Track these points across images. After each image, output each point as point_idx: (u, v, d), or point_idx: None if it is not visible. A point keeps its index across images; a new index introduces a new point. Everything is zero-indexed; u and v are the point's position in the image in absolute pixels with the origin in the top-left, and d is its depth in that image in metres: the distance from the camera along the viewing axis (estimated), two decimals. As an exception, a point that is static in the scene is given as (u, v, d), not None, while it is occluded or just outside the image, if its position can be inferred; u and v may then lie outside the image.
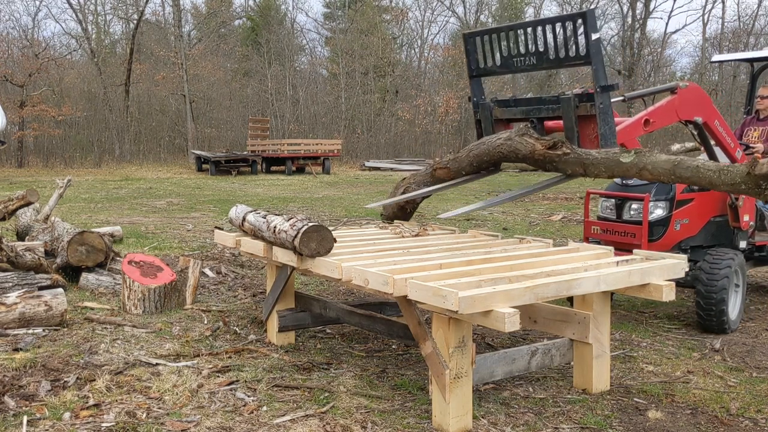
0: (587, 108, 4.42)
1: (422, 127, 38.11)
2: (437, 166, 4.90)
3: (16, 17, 51.12)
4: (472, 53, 5.02)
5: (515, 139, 4.38)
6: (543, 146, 4.22)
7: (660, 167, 3.75)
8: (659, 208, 5.47)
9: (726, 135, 5.30)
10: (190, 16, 41.63)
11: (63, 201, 12.89)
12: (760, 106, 6.39)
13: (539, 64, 4.68)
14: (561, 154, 4.17)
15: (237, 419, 3.62)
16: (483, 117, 5.11)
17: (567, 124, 4.52)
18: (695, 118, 5.05)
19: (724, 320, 5.29)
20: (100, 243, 6.63)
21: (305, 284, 6.84)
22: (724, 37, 39.41)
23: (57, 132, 29.46)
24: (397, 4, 45.38)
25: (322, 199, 16.31)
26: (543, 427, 3.62)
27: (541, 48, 4.55)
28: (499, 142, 4.47)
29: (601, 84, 4.31)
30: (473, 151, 4.68)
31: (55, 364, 4.35)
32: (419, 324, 3.63)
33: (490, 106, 5.05)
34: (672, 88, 5.02)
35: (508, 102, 5.04)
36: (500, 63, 4.89)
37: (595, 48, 4.26)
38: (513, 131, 4.49)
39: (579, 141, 4.51)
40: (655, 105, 5.02)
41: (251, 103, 37.81)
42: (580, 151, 4.16)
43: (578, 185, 19.78)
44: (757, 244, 5.99)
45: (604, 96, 4.34)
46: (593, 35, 4.23)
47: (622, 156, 3.94)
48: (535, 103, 4.84)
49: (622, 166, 3.93)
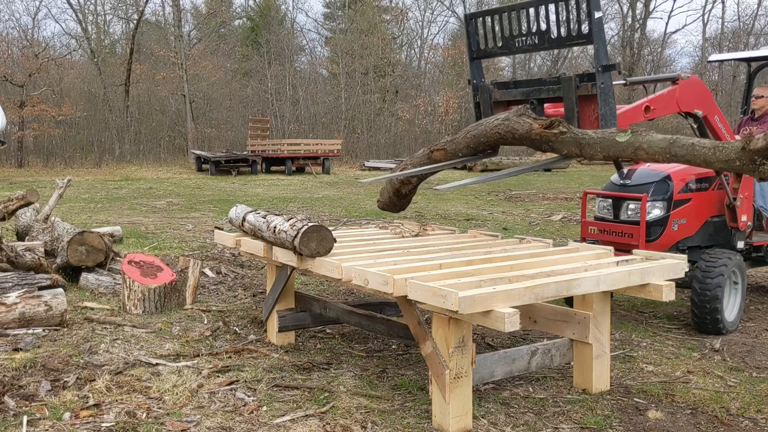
0: (588, 88, 4.38)
1: (422, 127, 38.11)
2: (434, 148, 4.85)
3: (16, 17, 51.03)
4: (473, 35, 4.95)
5: (513, 119, 4.34)
6: (540, 126, 4.17)
7: (656, 146, 3.73)
8: (657, 208, 5.46)
9: (725, 132, 5.29)
10: (190, 16, 41.66)
11: (63, 201, 12.88)
12: (755, 106, 6.37)
13: (540, 44, 4.62)
14: (557, 133, 4.13)
15: (237, 419, 3.63)
16: (482, 100, 5.04)
17: (567, 104, 4.48)
18: (696, 111, 5.04)
19: (718, 320, 5.27)
20: (100, 243, 6.63)
21: (305, 284, 6.84)
22: (724, 37, 39.45)
23: (57, 132, 29.43)
24: (397, 4, 45.42)
25: (322, 199, 16.31)
26: (543, 427, 3.62)
27: (543, 27, 4.49)
28: (497, 122, 4.43)
29: (602, 63, 4.25)
30: (470, 132, 4.64)
31: (55, 364, 4.35)
32: (419, 324, 3.63)
33: (490, 88, 4.99)
34: (674, 77, 5.02)
35: (507, 84, 4.98)
36: (501, 44, 4.81)
37: (597, 27, 4.20)
38: (511, 112, 4.44)
39: (579, 122, 4.47)
40: (656, 93, 5.02)
41: (251, 103, 37.80)
42: (576, 131, 4.13)
43: (578, 186, 19.80)
44: (754, 244, 5.97)
45: (605, 76, 4.30)
46: (596, 14, 4.18)
47: (618, 135, 3.91)
48: (535, 85, 4.78)
49: (618, 145, 3.90)
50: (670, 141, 3.68)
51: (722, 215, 5.69)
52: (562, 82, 4.46)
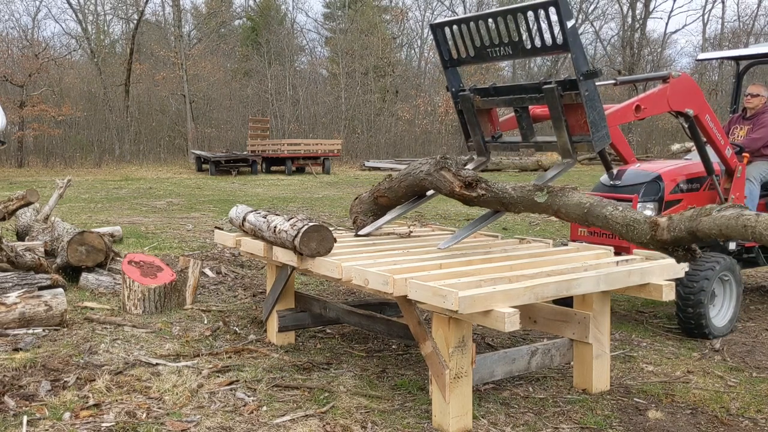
0: (572, 97, 4.24)
1: (422, 127, 38.10)
2: (377, 194, 4.78)
3: (16, 17, 51.06)
4: (442, 44, 4.80)
5: (434, 174, 4.17)
6: (460, 186, 4.04)
7: (572, 212, 3.67)
8: (648, 209, 5.39)
9: (716, 131, 5.26)
10: (190, 16, 41.64)
11: (63, 201, 12.88)
12: (749, 105, 6.32)
13: (515, 53, 4.46)
14: (476, 196, 4.05)
15: (237, 419, 3.63)
16: (465, 108, 4.89)
17: (553, 114, 4.34)
18: (686, 110, 5.00)
19: (703, 324, 5.18)
20: (100, 243, 6.63)
21: (305, 284, 6.84)
22: (724, 37, 39.44)
23: (57, 132, 29.43)
24: (397, 4, 45.42)
25: (322, 199, 16.31)
26: (543, 427, 3.62)
27: (515, 38, 4.33)
28: (422, 176, 4.26)
29: (583, 71, 4.12)
30: (403, 182, 4.50)
31: (55, 364, 4.35)
32: (419, 324, 3.63)
33: (471, 97, 4.82)
34: (664, 76, 4.97)
35: (488, 91, 4.79)
36: (474, 53, 4.64)
37: (572, 35, 4.05)
38: (432, 163, 4.25)
39: (569, 129, 4.38)
40: (646, 92, 4.98)
41: (251, 103, 37.80)
42: (496, 189, 4.00)
43: (578, 186, 19.80)
44: (746, 245, 5.88)
45: (588, 83, 4.16)
46: (568, 22, 4.01)
47: (536, 196, 3.84)
48: (516, 92, 4.60)
49: (539, 205, 3.84)
50: (585, 209, 3.62)
51: None
52: (544, 92, 4.32)
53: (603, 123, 4.29)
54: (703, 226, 3.09)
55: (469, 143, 5.07)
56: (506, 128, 5.15)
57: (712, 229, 3.05)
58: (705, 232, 3.10)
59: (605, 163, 5.66)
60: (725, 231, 3.00)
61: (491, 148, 5.04)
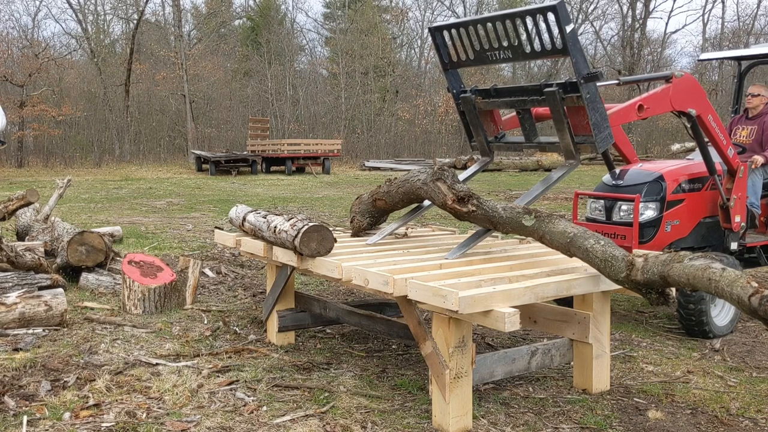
0: (574, 100, 4.26)
1: (422, 127, 38.12)
2: (376, 197, 4.82)
3: (16, 17, 51.19)
4: (442, 47, 4.80)
5: (430, 185, 4.22)
6: (452, 200, 4.06)
7: (556, 240, 3.69)
8: (650, 209, 5.38)
9: (719, 131, 5.25)
10: (190, 16, 41.64)
11: (63, 201, 12.89)
12: (750, 105, 6.32)
13: (515, 57, 4.46)
14: (467, 212, 4.08)
15: (237, 419, 3.63)
16: (467, 109, 4.90)
17: (555, 116, 4.36)
18: (689, 110, 5.00)
19: (704, 322, 5.19)
20: (100, 243, 6.63)
21: (305, 284, 6.84)
22: (724, 37, 39.45)
23: (57, 132, 29.45)
24: (397, 4, 45.43)
25: (322, 199, 16.31)
26: (543, 427, 3.62)
27: (514, 42, 4.35)
28: (419, 184, 4.30)
29: (583, 74, 4.15)
30: (401, 188, 4.54)
31: (55, 364, 4.35)
32: (419, 324, 3.63)
33: (472, 98, 4.83)
34: (667, 76, 4.97)
35: (489, 92, 4.80)
36: (474, 57, 4.65)
37: (571, 39, 4.07)
38: (430, 173, 4.30)
39: (571, 130, 4.39)
40: (649, 92, 4.97)
41: (251, 103, 37.81)
42: (487, 208, 4.03)
43: (578, 186, 19.79)
44: (748, 245, 5.85)
45: (589, 86, 4.19)
46: (567, 27, 4.03)
47: (524, 219, 3.87)
48: (518, 94, 4.61)
49: (525, 229, 3.88)
50: (568, 239, 3.63)
51: (715, 216, 5.60)
52: (546, 95, 4.34)
53: (605, 124, 4.30)
54: (674, 272, 3.08)
55: (473, 143, 5.09)
56: (509, 127, 5.17)
57: (681, 278, 3.05)
58: (675, 279, 3.09)
59: (608, 163, 5.66)
60: (692, 281, 3.00)
61: (494, 148, 5.05)
